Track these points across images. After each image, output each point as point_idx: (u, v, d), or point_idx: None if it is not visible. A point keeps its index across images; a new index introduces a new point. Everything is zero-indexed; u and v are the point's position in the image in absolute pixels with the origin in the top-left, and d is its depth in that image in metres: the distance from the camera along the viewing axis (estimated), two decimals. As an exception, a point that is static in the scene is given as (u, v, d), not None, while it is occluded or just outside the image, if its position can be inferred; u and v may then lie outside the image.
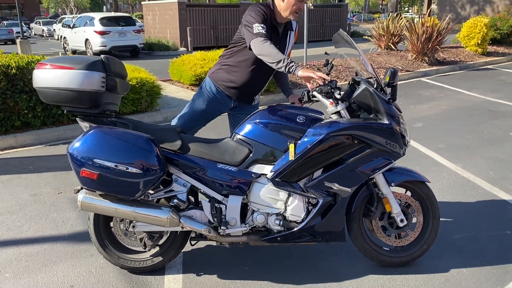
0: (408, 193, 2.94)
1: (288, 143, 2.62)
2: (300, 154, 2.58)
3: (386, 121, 2.63)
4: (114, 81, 2.62)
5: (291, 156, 2.59)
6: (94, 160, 2.46)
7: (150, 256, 2.86)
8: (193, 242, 2.90)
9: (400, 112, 2.78)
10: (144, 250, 2.88)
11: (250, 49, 2.77)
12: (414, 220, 2.95)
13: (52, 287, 2.78)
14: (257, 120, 2.72)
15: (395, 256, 2.94)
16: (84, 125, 2.67)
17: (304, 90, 3.03)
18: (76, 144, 2.51)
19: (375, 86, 2.73)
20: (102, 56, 2.62)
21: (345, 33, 2.91)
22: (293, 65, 2.61)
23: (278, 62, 2.62)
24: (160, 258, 2.85)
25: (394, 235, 2.92)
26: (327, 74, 2.68)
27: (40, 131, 5.92)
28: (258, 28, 2.70)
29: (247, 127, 2.73)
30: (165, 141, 2.69)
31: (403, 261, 2.94)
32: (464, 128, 6.32)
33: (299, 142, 2.62)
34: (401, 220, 2.84)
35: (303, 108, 2.78)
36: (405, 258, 2.94)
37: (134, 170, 2.48)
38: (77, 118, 2.69)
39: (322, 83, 2.67)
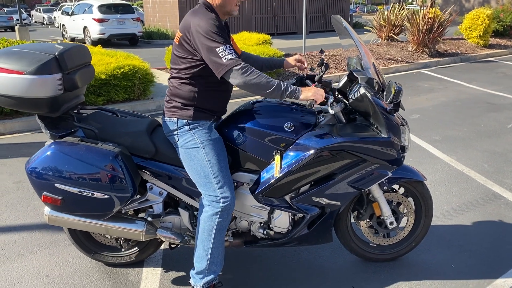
0: (402, 190, 2.78)
1: (274, 153, 2.34)
2: (286, 171, 2.32)
3: (384, 134, 2.33)
4: (73, 79, 2.31)
5: (276, 172, 2.32)
6: (55, 185, 2.24)
7: (128, 252, 2.76)
8: (172, 246, 2.66)
9: (404, 121, 2.48)
10: (120, 250, 2.76)
11: (221, 78, 2.19)
12: (405, 219, 2.79)
13: (26, 276, 2.71)
14: (241, 125, 2.39)
15: (382, 253, 2.84)
16: (43, 126, 2.41)
17: (297, 76, 2.70)
18: (34, 164, 2.27)
19: (376, 89, 2.39)
20: (56, 53, 2.25)
21: (341, 18, 2.58)
22: (293, 91, 2.19)
23: (272, 90, 2.15)
24: (139, 255, 2.75)
25: (382, 234, 2.80)
26: (321, 77, 2.40)
27: (30, 117, 5.81)
28: (225, 52, 2.10)
29: (229, 131, 2.41)
30: (136, 147, 2.40)
31: (389, 258, 2.85)
32: (461, 120, 6.20)
33: (285, 153, 2.35)
34: (391, 223, 2.67)
35: (293, 109, 2.45)
36: (392, 255, 2.84)
37: (100, 195, 2.27)
38: (36, 119, 2.43)
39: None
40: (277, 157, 2.32)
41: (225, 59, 2.09)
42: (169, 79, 2.40)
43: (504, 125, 5.97)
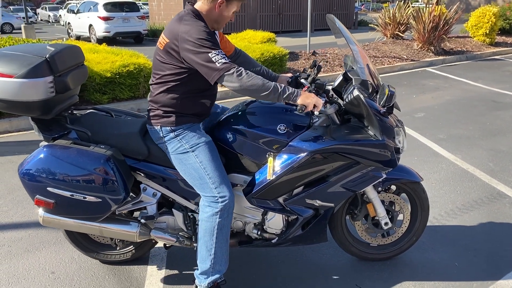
0: (393, 187, 2.76)
1: (267, 156, 2.34)
2: (279, 173, 2.30)
3: (378, 137, 2.30)
4: (64, 81, 2.30)
5: (269, 174, 2.31)
6: (47, 189, 2.25)
7: (124, 251, 2.78)
8: (167, 245, 2.65)
9: (399, 122, 2.47)
10: (115, 248, 2.77)
11: (215, 83, 2.18)
12: (400, 216, 2.79)
13: (32, 273, 2.73)
14: (234, 126, 2.39)
15: (383, 252, 2.84)
16: (36, 128, 2.40)
17: (293, 76, 2.71)
18: (26, 167, 2.27)
19: (370, 90, 2.35)
20: (46, 55, 2.24)
21: (334, 18, 2.57)
22: (291, 93, 2.15)
23: (268, 93, 2.12)
24: (135, 252, 2.77)
25: (380, 234, 2.79)
26: (314, 79, 2.44)
27: (35, 115, 5.86)
28: (218, 57, 2.08)
29: (223, 133, 2.41)
30: (129, 149, 2.40)
31: (391, 256, 2.85)
32: (466, 119, 6.18)
33: (278, 155, 2.33)
34: (386, 224, 2.67)
35: (287, 110, 2.44)
36: (394, 253, 2.85)
37: (92, 198, 2.27)
38: (30, 121, 2.43)
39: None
40: (270, 160, 2.31)
41: (218, 63, 2.08)
42: (150, 84, 2.37)
43: (510, 123, 5.94)
